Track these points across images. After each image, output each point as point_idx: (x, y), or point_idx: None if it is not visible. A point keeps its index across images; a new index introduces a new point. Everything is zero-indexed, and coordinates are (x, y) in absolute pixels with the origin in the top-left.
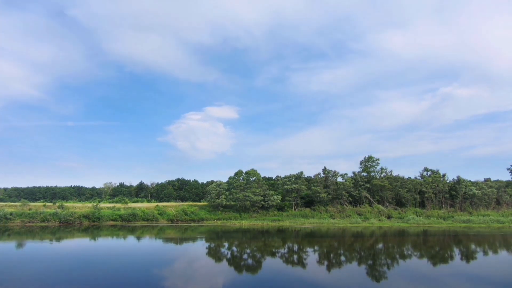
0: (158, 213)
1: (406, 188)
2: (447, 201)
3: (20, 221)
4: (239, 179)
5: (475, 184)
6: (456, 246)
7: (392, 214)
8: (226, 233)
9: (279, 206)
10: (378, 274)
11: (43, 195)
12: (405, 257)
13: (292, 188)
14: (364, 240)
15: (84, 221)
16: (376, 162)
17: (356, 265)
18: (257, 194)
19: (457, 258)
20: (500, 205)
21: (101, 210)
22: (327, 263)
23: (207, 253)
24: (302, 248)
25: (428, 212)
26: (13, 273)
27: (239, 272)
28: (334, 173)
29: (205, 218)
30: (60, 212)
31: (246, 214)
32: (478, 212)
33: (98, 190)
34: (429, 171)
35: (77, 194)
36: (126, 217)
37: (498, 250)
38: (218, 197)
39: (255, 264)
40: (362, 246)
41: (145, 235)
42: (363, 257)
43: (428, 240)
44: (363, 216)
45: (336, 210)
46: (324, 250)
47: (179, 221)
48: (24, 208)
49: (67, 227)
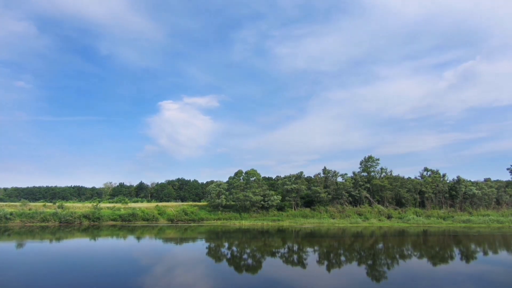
0: (158, 213)
1: (406, 188)
2: (447, 201)
3: (20, 221)
4: (239, 179)
5: (475, 184)
6: (456, 246)
7: (392, 214)
8: (226, 233)
9: (279, 206)
10: (378, 274)
11: (43, 195)
12: (405, 257)
13: (292, 188)
14: (364, 240)
15: (84, 221)
16: (376, 162)
17: (356, 265)
18: (257, 194)
19: (457, 258)
20: (500, 205)
21: (101, 210)
22: (327, 263)
23: (207, 253)
24: (302, 248)
25: (428, 212)
26: (13, 273)
27: (239, 272)
28: (334, 173)
29: (205, 218)
30: (60, 212)
31: (246, 214)
32: (478, 212)
33: (98, 190)
34: (429, 171)
35: (77, 194)
36: (126, 217)
37: (498, 250)
38: (218, 197)
39: (255, 264)
40: (362, 246)
41: (145, 235)
42: (363, 257)
43: (428, 240)
44: (363, 216)
45: (336, 210)
46: (324, 250)
47: (179, 221)
48: (24, 208)
49: (67, 227)
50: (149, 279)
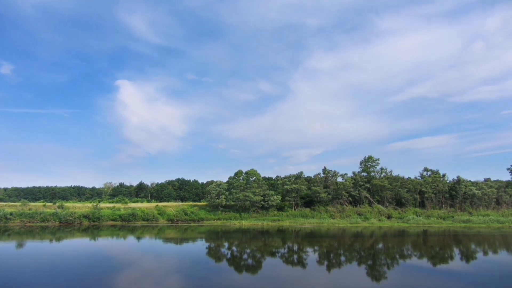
0: (158, 213)
1: (406, 188)
2: (447, 201)
3: (20, 221)
4: (239, 179)
5: (475, 184)
6: (456, 246)
7: (392, 214)
8: (226, 233)
9: (279, 206)
10: (378, 274)
11: (43, 195)
12: (405, 257)
13: (292, 188)
14: (364, 240)
15: (84, 221)
16: (376, 162)
17: (356, 265)
18: (257, 194)
19: (457, 258)
20: (500, 205)
21: (101, 210)
22: (327, 263)
23: (207, 253)
24: (302, 248)
25: (428, 212)
26: (13, 273)
27: (239, 272)
28: (334, 173)
29: (205, 218)
30: (60, 212)
31: (246, 214)
32: (478, 212)
33: (98, 190)
34: (429, 171)
35: (77, 194)
36: (126, 217)
37: (498, 250)
38: (218, 197)
39: (255, 264)
40: (362, 246)
41: (145, 235)
42: (363, 257)
43: (428, 240)
44: (363, 216)
45: (336, 210)
46: (324, 250)
47: (179, 221)
48: (24, 208)
49: (67, 227)
50: (149, 279)
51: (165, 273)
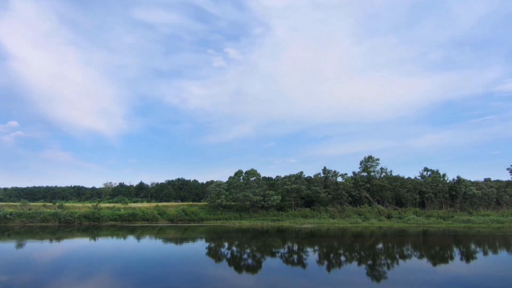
0: (158, 213)
1: (406, 188)
2: (447, 201)
3: (20, 221)
4: (239, 179)
5: (475, 184)
6: (456, 246)
7: (392, 214)
8: (226, 233)
9: (279, 206)
10: (378, 274)
11: (43, 195)
12: (405, 257)
13: (292, 188)
14: (364, 240)
15: (84, 221)
16: (376, 162)
17: (356, 265)
18: (257, 194)
19: (457, 258)
20: (500, 205)
21: (101, 210)
22: (327, 263)
23: (207, 253)
24: (302, 248)
25: (428, 212)
26: (12, 274)
27: (239, 272)
28: (334, 173)
29: (205, 218)
30: (60, 212)
31: (246, 214)
32: (478, 212)
33: (98, 190)
34: (429, 171)
35: (77, 194)
36: (126, 217)
37: (498, 250)
38: (218, 197)
39: (255, 264)
40: (362, 246)
41: (145, 235)
42: (363, 257)
43: (428, 240)
44: (363, 216)
45: (336, 210)
46: (324, 250)
47: (179, 221)
48: (24, 208)
49: (67, 227)
50: (149, 278)
51: (165, 273)
